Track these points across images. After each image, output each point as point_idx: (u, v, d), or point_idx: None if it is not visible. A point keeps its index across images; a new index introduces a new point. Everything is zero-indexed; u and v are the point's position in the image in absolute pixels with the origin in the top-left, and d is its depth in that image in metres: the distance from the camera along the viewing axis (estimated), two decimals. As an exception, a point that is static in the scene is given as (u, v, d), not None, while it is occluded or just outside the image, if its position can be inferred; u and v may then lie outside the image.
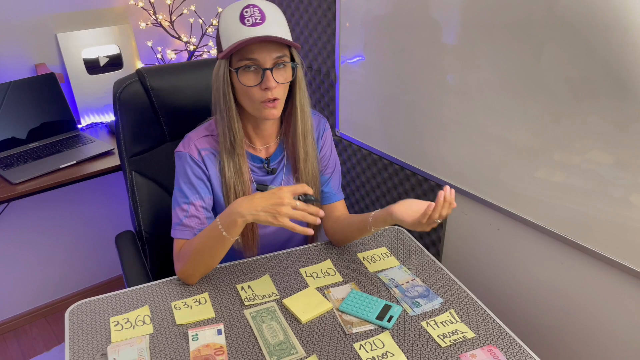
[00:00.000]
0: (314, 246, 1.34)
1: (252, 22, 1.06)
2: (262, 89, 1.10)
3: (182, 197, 1.21)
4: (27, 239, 2.13)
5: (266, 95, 1.10)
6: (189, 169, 1.20)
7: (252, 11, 1.07)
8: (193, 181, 1.20)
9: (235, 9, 1.08)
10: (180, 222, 1.20)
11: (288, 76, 1.14)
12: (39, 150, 1.80)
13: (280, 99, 1.13)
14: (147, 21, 2.12)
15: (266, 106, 1.12)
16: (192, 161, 1.20)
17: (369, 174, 1.86)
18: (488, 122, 1.36)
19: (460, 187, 1.50)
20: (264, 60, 1.08)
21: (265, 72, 1.09)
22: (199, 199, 1.20)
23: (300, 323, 1.08)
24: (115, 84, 1.41)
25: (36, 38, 1.94)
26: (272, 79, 1.09)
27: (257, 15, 1.07)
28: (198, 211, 1.20)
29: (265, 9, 1.08)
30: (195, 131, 1.24)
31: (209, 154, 1.22)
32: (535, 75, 1.22)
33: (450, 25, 1.39)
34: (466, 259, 1.59)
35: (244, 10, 1.07)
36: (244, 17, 1.07)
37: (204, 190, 1.21)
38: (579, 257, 1.26)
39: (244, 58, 1.09)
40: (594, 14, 1.06)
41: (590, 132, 1.14)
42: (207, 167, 1.22)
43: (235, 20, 1.07)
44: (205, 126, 1.25)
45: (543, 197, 1.29)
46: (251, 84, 1.10)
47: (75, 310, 1.11)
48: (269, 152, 1.27)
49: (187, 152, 1.21)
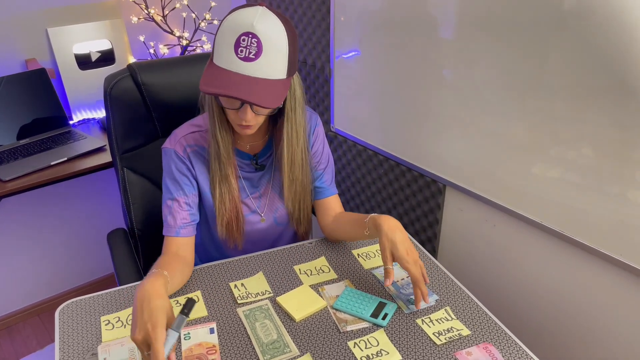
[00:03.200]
0: (308, 243, 1.33)
1: (245, 55, 0.98)
2: (238, 116, 1.07)
3: (167, 193, 1.20)
4: (18, 237, 2.11)
5: (240, 121, 1.07)
6: (173, 165, 1.20)
7: (249, 42, 0.97)
8: (177, 177, 1.19)
9: (235, 29, 0.99)
10: (166, 219, 1.19)
11: (268, 111, 1.09)
12: (29, 147, 1.77)
13: (258, 122, 1.10)
14: (139, 16, 2.10)
15: (242, 128, 1.10)
16: (177, 157, 1.19)
17: (364, 170, 1.84)
18: (484, 118, 1.35)
19: (456, 182, 1.49)
20: None
21: (243, 105, 1.04)
22: (183, 195, 1.19)
23: (294, 321, 1.07)
24: (106, 79, 1.39)
25: (27, 33, 1.91)
26: (250, 114, 1.05)
27: (253, 48, 0.97)
28: (181, 207, 1.19)
29: (264, 38, 0.98)
30: (181, 127, 1.23)
31: (195, 150, 1.21)
32: (531, 70, 1.20)
33: (446, 20, 1.37)
34: (462, 255, 1.58)
35: (241, 38, 0.98)
36: (239, 45, 0.98)
37: (188, 187, 1.20)
38: (576, 254, 1.25)
39: None
40: (591, 9, 1.05)
41: (586, 128, 1.13)
42: (193, 164, 1.21)
43: (230, 42, 0.99)
44: (193, 122, 1.23)
45: (540, 193, 1.27)
46: (229, 106, 1.07)
47: (66, 309, 1.09)
48: (258, 149, 1.25)
49: (173, 149, 1.20)
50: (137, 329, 0.85)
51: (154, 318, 0.86)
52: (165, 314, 0.88)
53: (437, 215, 1.60)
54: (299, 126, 1.18)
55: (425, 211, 1.64)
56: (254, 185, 1.27)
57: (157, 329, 0.84)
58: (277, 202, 1.29)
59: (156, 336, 0.84)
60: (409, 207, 1.70)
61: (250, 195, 1.27)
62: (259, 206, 1.28)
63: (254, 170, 1.26)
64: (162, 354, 0.83)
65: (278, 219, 1.31)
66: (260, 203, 1.28)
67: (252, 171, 1.26)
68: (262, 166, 1.25)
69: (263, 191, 1.28)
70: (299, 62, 1.98)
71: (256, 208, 1.28)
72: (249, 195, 1.27)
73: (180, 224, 1.18)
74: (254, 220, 1.29)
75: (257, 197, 1.28)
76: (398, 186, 1.72)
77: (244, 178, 1.26)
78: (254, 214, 1.28)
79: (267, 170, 1.27)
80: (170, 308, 0.90)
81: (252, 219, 1.28)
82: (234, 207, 1.23)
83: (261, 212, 1.29)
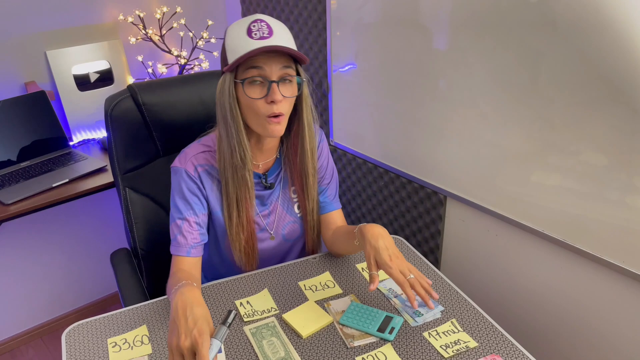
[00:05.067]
0: (312, 258, 1.33)
1: (260, 35, 1.05)
2: (268, 102, 1.08)
3: (176, 212, 1.20)
4: (20, 259, 2.11)
5: (271, 109, 1.08)
6: (184, 184, 1.19)
7: (259, 25, 1.06)
8: (187, 197, 1.19)
9: (243, 24, 1.08)
10: (175, 238, 1.19)
11: (294, 91, 1.12)
12: (30, 170, 1.78)
13: (285, 115, 1.11)
14: (137, 36, 2.11)
15: (271, 121, 1.09)
16: (187, 177, 1.19)
17: (364, 182, 1.85)
18: (482, 127, 1.36)
19: (457, 193, 1.50)
20: (270, 71, 1.07)
21: (271, 85, 1.07)
22: (193, 215, 1.19)
23: (301, 338, 1.07)
24: (107, 100, 1.40)
25: (26, 56, 1.92)
26: (279, 92, 1.07)
27: (264, 29, 1.06)
28: (191, 227, 1.19)
29: (272, 24, 1.08)
30: (191, 147, 1.23)
31: (205, 170, 1.21)
32: (528, 78, 1.22)
33: (441, 31, 1.39)
34: (465, 266, 1.58)
35: (251, 24, 1.07)
36: (252, 30, 1.06)
37: (198, 206, 1.20)
38: (579, 262, 1.26)
39: (251, 67, 1.07)
40: (587, 17, 1.07)
41: (584, 134, 1.14)
42: (204, 184, 1.21)
43: (242, 34, 1.07)
44: (202, 141, 1.24)
45: (540, 202, 1.28)
46: (257, 96, 1.08)
47: (72, 332, 1.09)
48: (267, 167, 1.26)
49: (184, 168, 1.20)
50: (183, 335, 0.86)
51: (199, 325, 0.87)
52: (208, 322, 0.90)
53: (439, 227, 1.61)
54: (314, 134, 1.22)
55: (427, 222, 1.64)
56: (263, 204, 1.27)
57: (203, 335, 0.86)
58: (286, 218, 1.30)
59: (203, 342, 0.85)
60: (411, 218, 1.70)
61: (259, 213, 1.27)
62: (267, 224, 1.29)
63: (263, 189, 1.26)
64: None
65: (287, 235, 1.31)
66: (269, 220, 1.29)
67: (262, 189, 1.26)
68: (271, 185, 1.26)
69: (272, 208, 1.28)
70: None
71: (265, 226, 1.29)
72: (258, 214, 1.27)
73: (192, 243, 1.18)
74: (264, 237, 1.29)
75: (266, 214, 1.28)
76: (399, 198, 1.72)
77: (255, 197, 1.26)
78: (263, 232, 1.29)
79: (275, 188, 1.28)
80: (210, 317, 0.92)
81: (261, 236, 1.29)
82: (250, 229, 1.24)
83: (270, 229, 1.29)
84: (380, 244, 1.08)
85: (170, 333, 0.90)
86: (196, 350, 0.85)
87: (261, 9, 2.08)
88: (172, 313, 0.92)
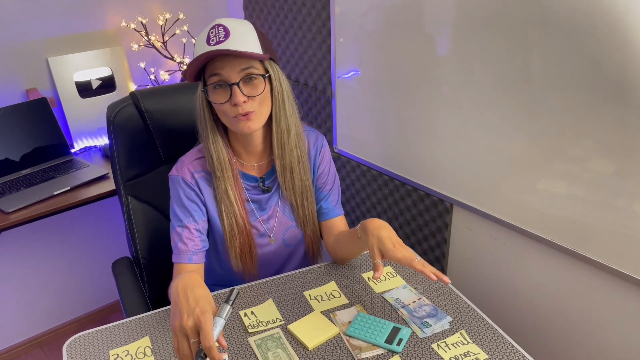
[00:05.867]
0: (317, 267, 1.31)
1: (216, 40, 1.06)
2: (232, 104, 1.08)
3: (176, 220, 1.19)
4: (20, 268, 2.09)
5: (237, 110, 1.08)
6: (181, 192, 1.19)
7: (217, 31, 1.07)
8: (186, 204, 1.19)
9: (204, 32, 1.09)
10: (176, 246, 1.18)
11: (260, 89, 1.11)
12: (32, 177, 1.76)
13: (256, 112, 1.11)
14: (139, 42, 2.10)
15: (239, 120, 1.10)
16: (185, 184, 1.19)
17: (369, 190, 1.83)
18: (487, 134, 1.34)
19: (463, 201, 1.48)
20: (228, 75, 1.07)
21: (232, 87, 1.07)
22: (193, 222, 1.18)
23: (307, 349, 1.05)
24: (109, 107, 1.39)
25: (27, 63, 1.91)
26: (240, 93, 1.07)
27: (221, 34, 1.06)
28: (192, 234, 1.18)
29: (230, 26, 1.07)
30: (187, 154, 1.23)
31: (202, 176, 1.21)
32: (533, 85, 1.20)
33: (445, 38, 1.37)
34: (472, 275, 1.56)
35: (210, 31, 1.07)
36: (209, 37, 1.07)
37: (197, 213, 1.19)
38: (590, 271, 1.23)
39: (211, 74, 1.09)
40: (591, 22, 1.05)
41: (590, 142, 1.13)
42: (202, 190, 1.20)
43: (202, 42, 1.08)
44: (198, 148, 1.23)
45: (548, 209, 1.26)
46: (221, 101, 1.09)
47: (73, 344, 1.07)
48: (263, 171, 1.25)
49: (180, 176, 1.20)
50: (185, 315, 0.86)
51: (201, 304, 0.87)
52: (210, 302, 0.89)
53: (445, 235, 1.58)
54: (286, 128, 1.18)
55: (433, 231, 1.62)
56: (262, 208, 1.26)
57: (206, 314, 0.85)
58: (286, 222, 1.28)
59: (206, 320, 0.84)
60: (416, 227, 1.68)
61: (259, 218, 1.26)
62: (268, 228, 1.27)
63: (261, 193, 1.25)
64: (212, 337, 0.83)
65: (287, 239, 1.30)
66: (269, 225, 1.27)
67: (260, 193, 1.25)
68: (268, 188, 1.25)
69: (271, 213, 1.27)
70: (299, 83, 1.98)
71: (265, 230, 1.27)
72: (258, 218, 1.26)
73: (193, 250, 1.17)
74: (263, 242, 1.28)
75: (265, 219, 1.27)
76: (404, 206, 1.70)
77: (252, 201, 1.25)
78: (263, 237, 1.27)
79: (274, 191, 1.26)
80: (211, 297, 0.91)
81: (261, 241, 1.27)
82: (245, 234, 1.23)
83: (270, 233, 1.27)
84: (383, 234, 1.07)
85: (173, 315, 0.89)
86: (200, 328, 0.84)
87: (264, 15, 2.07)
88: (173, 296, 0.91)
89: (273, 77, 1.13)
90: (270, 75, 1.12)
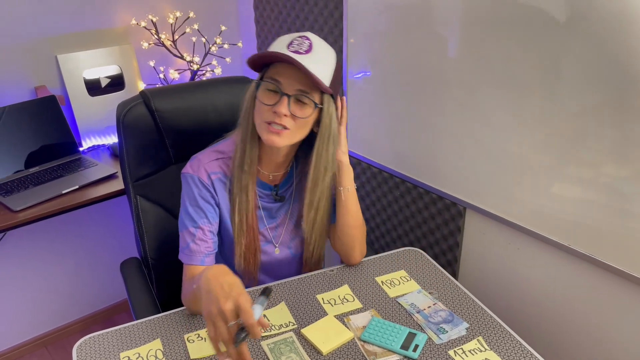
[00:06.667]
0: (329, 271, 1.29)
1: (296, 49, 1.05)
2: (273, 110, 1.06)
3: (189, 220, 1.17)
4: (27, 266, 2.07)
5: (272, 117, 1.06)
6: (196, 191, 1.17)
7: (301, 41, 1.06)
8: (201, 204, 1.16)
9: (291, 35, 1.09)
10: (188, 246, 1.16)
11: (304, 113, 1.08)
12: (40, 176, 1.74)
13: (289, 131, 1.08)
14: (149, 41, 2.09)
15: (270, 130, 1.07)
16: (201, 184, 1.17)
17: (379, 192, 1.81)
18: (501, 136, 1.32)
19: (477, 204, 1.45)
20: (286, 84, 1.06)
21: (282, 97, 1.05)
22: (207, 223, 1.16)
23: (321, 354, 1.03)
24: (119, 106, 1.37)
25: (36, 60, 1.90)
26: (286, 107, 1.05)
27: (304, 46, 1.05)
28: (206, 235, 1.16)
29: (316, 44, 1.07)
30: (204, 153, 1.20)
31: (218, 178, 1.18)
32: (548, 88, 1.18)
33: (458, 39, 1.35)
34: (484, 279, 1.53)
35: (296, 38, 1.07)
36: (292, 43, 1.06)
37: (211, 214, 1.17)
38: (607, 277, 1.21)
39: (270, 77, 1.07)
40: (608, 23, 1.03)
41: (605, 145, 1.11)
42: (217, 192, 1.18)
43: (283, 43, 1.07)
44: (215, 148, 1.21)
45: (563, 214, 1.24)
46: (266, 102, 1.07)
47: (83, 346, 1.05)
48: (278, 180, 1.23)
49: (197, 175, 1.17)
50: (223, 299, 0.85)
51: (236, 288, 0.88)
52: (243, 287, 0.89)
53: (458, 239, 1.56)
54: (324, 168, 1.16)
55: (445, 234, 1.60)
56: (272, 216, 1.25)
57: (243, 295, 0.86)
58: (293, 233, 1.27)
59: (245, 299, 0.85)
60: (427, 230, 1.66)
61: (267, 226, 1.25)
62: (274, 236, 1.26)
63: (273, 202, 1.23)
64: (253, 314, 0.85)
65: (293, 249, 1.28)
66: (276, 233, 1.26)
67: (272, 202, 1.23)
68: (282, 197, 1.23)
69: (280, 222, 1.26)
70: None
71: (272, 238, 1.26)
72: (266, 226, 1.24)
73: (205, 251, 1.15)
74: (269, 250, 1.26)
75: (273, 227, 1.25)
76: (416, 209, 1.68)
77: (263, 208, 1.23)
78: (269, 245, 1.26)
79: (286, 201, 1.25)
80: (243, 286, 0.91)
81: (267, 249, 1.26)
82: (252, 234, 1.21)
83: (276, 242, 1.26)
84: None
85: (208, 302, 0.88)
86: (239, 308, 0.85)
87: (275, 14, 2.06)
88: (204, 286, 0.90)
89: (324, 111, 1.12)
90: (322, 108, 1.11)
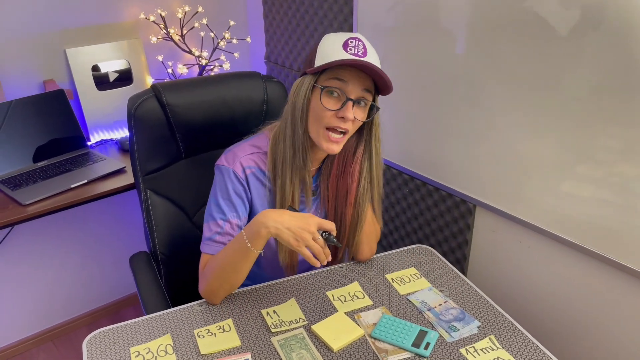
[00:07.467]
0: (339, 267, 1.29)
1: (355, 52, 1.06)
2: (338, 116, 1.07)
3: (218, 212, 1.16)
4: (34, 260, 2.07)
5: (338, 122, 1.07)
6: (230, 185, 1.16)
7: (356, 43, 1.07)
8: (233, 198, 1.16)
9: (341, 37, 1.09)
10: (213, 237, 1.15)
11: (364, 116, 1.11)
12: (48, 169, 1.74)
13: (348, 134, 1.10)
14: (157, 35, 2.08)
15: (330, 139, 1.09)
16: (235, 178, 1.16)
17: (387, 189, 1.80)
18: (511, 134, 1.31)
19: (487, 202, 1.45)
20: (352, 87, 1.07)
21: (347, 102, 1.06)
22: (236, 217, 1.16)
23: (332, 351, 1.02)
24: (130, 99, 1.37)
25: (45, 54, 1.89)
26: (352, 111, 1.07)
27: (360, 47, 1.07)
28: (233, 229, 1.16)
29: (368, 46, 1.09)
30: (240, 147, 1.20)
31: (253, 173, 1.18)
32: (560, 86, 1.17)
33: (469, 36, 1.34)
34: (494, 278, 1.53)
35: (349, 40, 1.07)
36: (348, 45, 1.07)
37: (241, 209, 1.17)
38: (619, 276, 1.20)
39: (335, 78, 1.07)
40: (623, 23, 1.02)
41: (617, 144, 1.10)
42: (250, 187, 1.18)
43: (338, 45, 1.07)
44: (251, 142, 1.21)
45: (574, 213, 1.23)
46: (331, 107, 1.07)
47: (93, 340, 1.05)
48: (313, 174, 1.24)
49: (232, 168, 1.17)
50: (306, 223, 1.02)
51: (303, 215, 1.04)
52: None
53: (467, 236, 1.55)
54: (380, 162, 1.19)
55: (454, 232, 1.59)
56: (302, 209, 1.24)
57: (313, 217, 1.04)
58: None
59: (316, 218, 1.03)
60: (437, 227, 1.65)
61: None
62: None
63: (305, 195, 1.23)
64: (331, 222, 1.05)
65: None
66: None
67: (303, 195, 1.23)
68: (313, 192, 1.24)
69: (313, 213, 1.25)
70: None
71: None
72: None
73: None
74: None
75: None
76: (424, 206, 1.67)
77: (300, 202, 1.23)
78: None
79: (317, 195, 1.25)
80: None
81: None
82: None
83: None
84: None
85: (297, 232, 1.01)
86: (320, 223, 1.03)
87: (284, 9, 2.05)
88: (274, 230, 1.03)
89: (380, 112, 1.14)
90: (379, 108, 1.12)
